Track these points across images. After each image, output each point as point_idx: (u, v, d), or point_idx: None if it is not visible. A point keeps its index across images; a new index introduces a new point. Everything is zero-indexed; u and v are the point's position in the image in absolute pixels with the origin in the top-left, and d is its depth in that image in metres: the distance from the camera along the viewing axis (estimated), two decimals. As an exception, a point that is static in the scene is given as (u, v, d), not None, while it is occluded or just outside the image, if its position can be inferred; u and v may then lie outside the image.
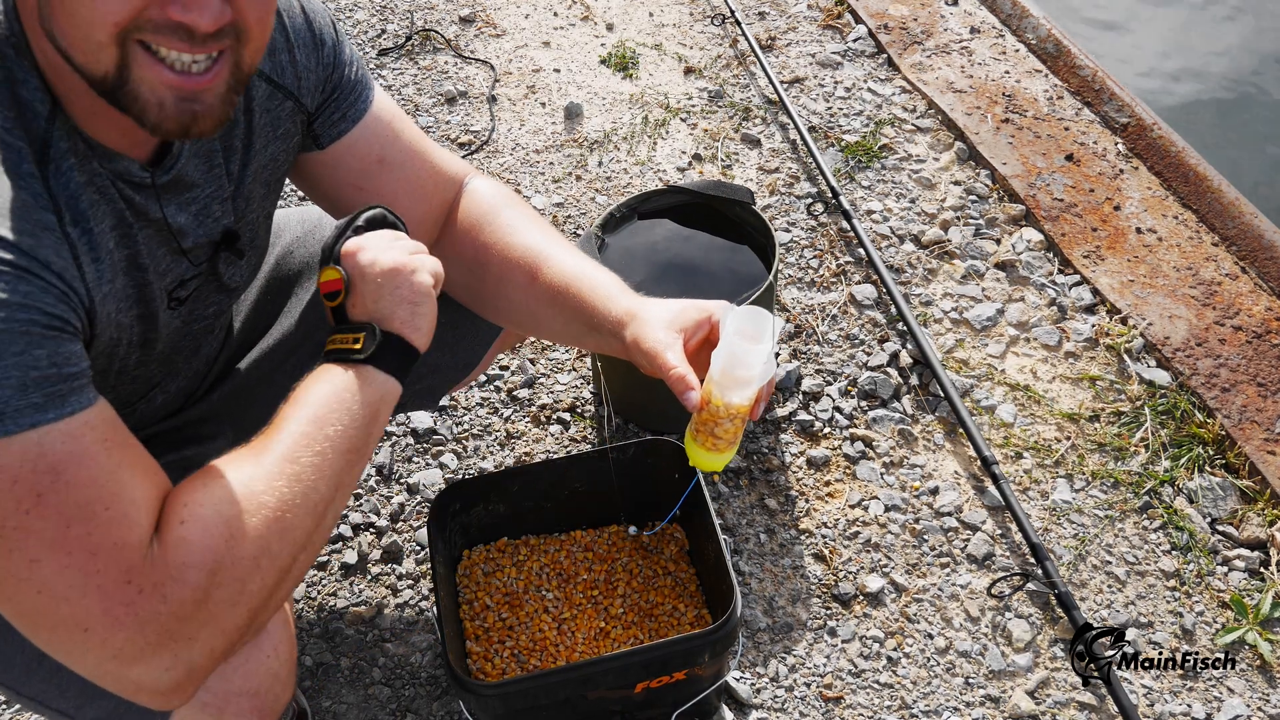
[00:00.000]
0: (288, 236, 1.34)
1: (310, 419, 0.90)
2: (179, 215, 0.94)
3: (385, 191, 1.12)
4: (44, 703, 0.99)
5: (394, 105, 1.14)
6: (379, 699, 1.51)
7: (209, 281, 1.03)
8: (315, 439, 0.89)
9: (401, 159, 1.12)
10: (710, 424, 1.00)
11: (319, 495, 0.88)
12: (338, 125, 1.08)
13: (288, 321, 1.29)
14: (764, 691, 1.51)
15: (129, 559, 0.78)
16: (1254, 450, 1.75)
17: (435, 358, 1.33)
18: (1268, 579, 1.62)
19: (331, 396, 0.91)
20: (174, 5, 0.75)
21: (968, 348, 1.99)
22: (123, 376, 0.97)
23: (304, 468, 0.87)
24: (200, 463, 1.17)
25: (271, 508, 0.84)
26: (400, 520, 1.73)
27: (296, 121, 1.05)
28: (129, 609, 0.77)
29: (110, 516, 0.77)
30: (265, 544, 0.84)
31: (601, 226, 1.77)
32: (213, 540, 0.81)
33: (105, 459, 0.78)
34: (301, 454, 0.88)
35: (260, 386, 1.28)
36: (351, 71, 1.08)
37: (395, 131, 1.12)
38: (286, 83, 1.02)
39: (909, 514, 1.73)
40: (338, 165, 1.10)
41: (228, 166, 0.99)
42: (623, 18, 2.95)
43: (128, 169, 0.86)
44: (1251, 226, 2.13)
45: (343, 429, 0.90)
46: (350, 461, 0.91)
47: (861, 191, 2.33)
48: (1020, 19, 2.80)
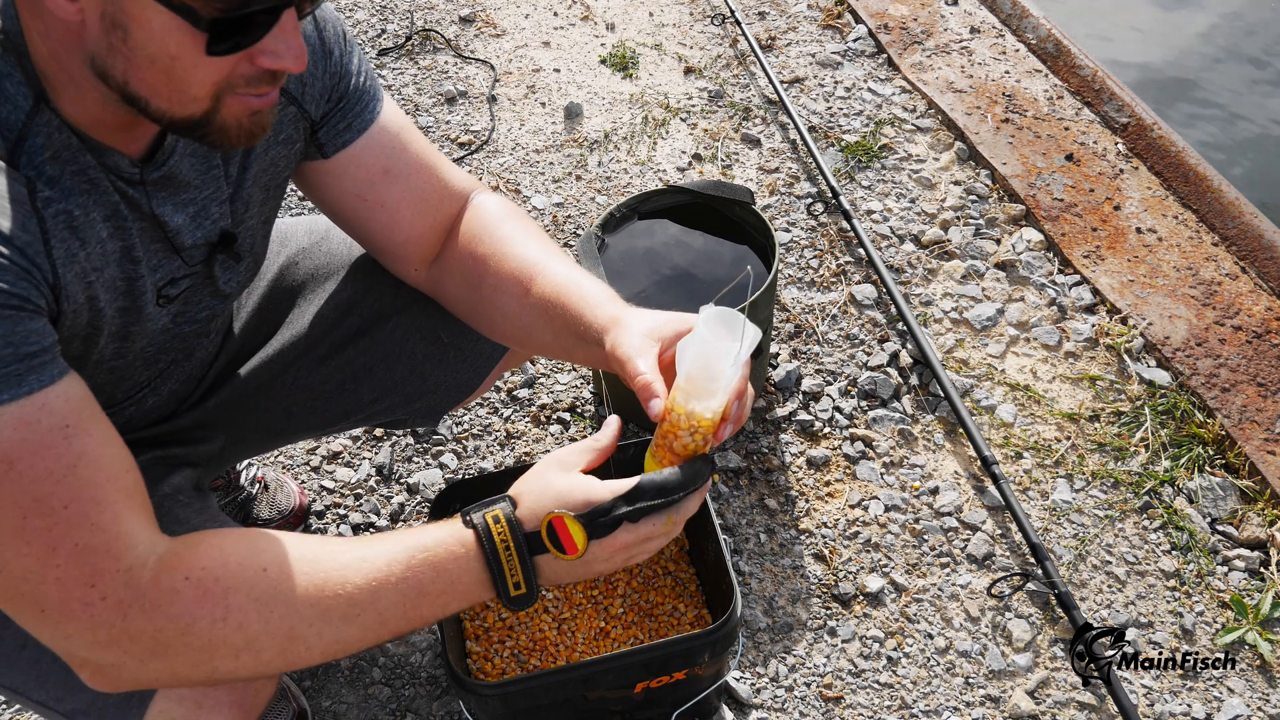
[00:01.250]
0: (294, 245, 1.34)
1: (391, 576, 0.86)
2: (176, 215, 0.94)
3: (389, 203, 1.11)
4: (24, 694, 0.99)
5: (403, 117, 1.13)
6: (379, 699, 1.51)
7: (203, 283, 1.03)
8: (377, 599, 0.86)
9: (407, 171, 1.11)
10: (669, 437, 0.90)
11: (338, 643, 0.86)
12: (343, 135, 1.07)
13: (290, 332, 1.28)
14: (764, 691, 1.51)
15: (94, 563, 0.77)
16: (1254, 450, 1.75)
17: (438, 377, 1.32)
18: (1268, 579, 1.62)
19: (430, 579, 0.88)
20: (264, 56, 0.78)
21: (968, 348, 1.99)
22: (100, 368, 0.96)
23: (344, 614, 0.85)
24: (187, 462, 1.18)
25: (282, 632, 0.84)
26: (400, 520, 1.73)
27: (299, 127, 1.05)
28: (87, 609, 0.78)
29: (70, 515, 0.77)
30: (256, 649, 0.83)
31: (601, 226, 1.77)
32: (204, 613, 0.81)
33: (64, 449, 0.77)
34: (354, 600, 0.85)
35: (258, 395, 1.27)
36: (359, 81, 1.07)
37: (403, 144, 1.11)
38: (290, 88, 1.02)
39: (909, 514, 1.73)
40: (342, 175, 1.10)
41: (226, 169, 0.99)
42: (623, 18, 2.95)
43: (117, 163, 0.86)
44: (1251, 226, 2.14)
45: (408, 610, 0.88)
46: (388, 633, 0.89)
47: (861, 191, 2.33)
48: (1020, 19, 2.80)
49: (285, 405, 1.29)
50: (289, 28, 0.77)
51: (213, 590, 0.81)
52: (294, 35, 0.78)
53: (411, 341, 1.28)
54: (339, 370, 1.29)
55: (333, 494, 1.76)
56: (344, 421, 1.35)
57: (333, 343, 1.28)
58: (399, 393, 1.32)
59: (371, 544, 0.89)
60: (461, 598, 0.89)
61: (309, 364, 1.28)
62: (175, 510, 1.07)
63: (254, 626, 0.82)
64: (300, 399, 1.29)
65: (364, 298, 1.28)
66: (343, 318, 1.27)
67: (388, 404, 1.33)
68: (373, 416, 1.35)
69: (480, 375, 1.35)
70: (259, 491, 1.66)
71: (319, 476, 1.79)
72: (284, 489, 1.69)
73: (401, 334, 1.28)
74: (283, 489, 1.69)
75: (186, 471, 1.16)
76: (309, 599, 0.84)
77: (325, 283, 1.30)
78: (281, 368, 1.28)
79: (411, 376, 1.31)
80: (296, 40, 0.78)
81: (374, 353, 1.28)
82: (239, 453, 1.33)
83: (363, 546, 0.89)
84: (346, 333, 1.28)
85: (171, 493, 1.10)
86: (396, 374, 1.30)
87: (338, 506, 1.75)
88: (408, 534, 0.90)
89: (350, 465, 1.81)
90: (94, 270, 0.86)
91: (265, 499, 1.66)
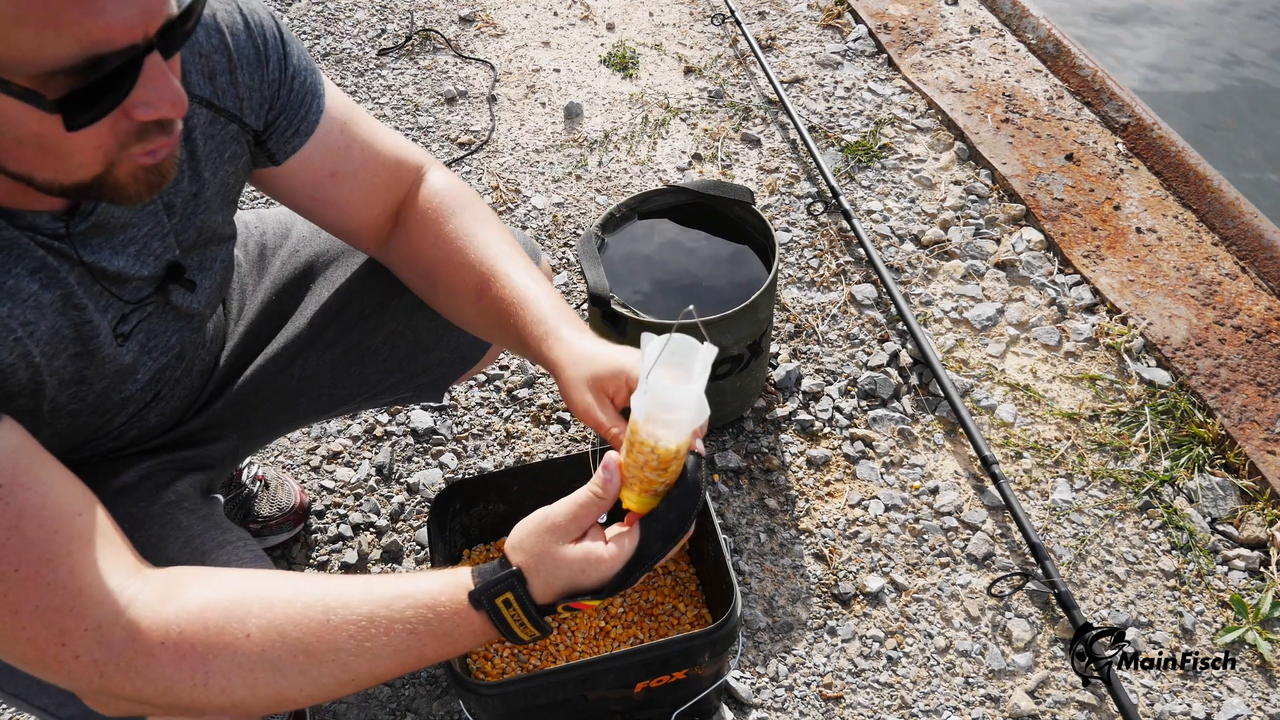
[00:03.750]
0: (294, 235, 1.34)
1: (390, 645, 0.82)
2: (115, 258, 0.90)
3: (339, 200, 1.11)
4: (27, 700, 0.99)
5: (345, 106, 1.10)
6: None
7: (162, 313, 1.00)
8: (374, 665, 0.82)
9: (353, 169, 1.10)
10: (640, 472, 0.86)
11: (330, 697, 0.84)
12: (290, 142, 1.05)
13: (296, 324, 1.28)
14: (764, 691, 1.51)
15: (59, 624, 0.76)
16: (1254, 450, 1.75)
17: (441, 350, 1.33)
18: (1268, 579, 1.62)
19: (433, 648, 0.84)
20: (137, 109, 0.72)
21: (968, 347, 1.99)
22: (58, 415, 0.93)
23: (336, 680, 0.82)
24: (197, 464, 1.18)
25: (269, 695, 0.81)
26: (400, 520, 1.73)
27: (243, 142, 1.02)
28: (63, 665, 0.77)
29: (22, 578, 0.74)
30: (244, 707, 0.81)
31: (601, 226, 1.77)
32: (183, 677, 0.79)
33: (1, 512, 0.74)
34: (347, 666, 0.82)
35: (265, 390, 1.27)
36: (299, 83, 1.03)
37: (347, 142, 1.09)
38: (228, 106, 0.98)
39: (909, 514, 1.73)
40: (293, 178, 1.08)
41: (164, 199, 0.95)
42: (623, 18, 2.95)
43: (33, 222, 0.82)
44: (1251, 226, 2.14)
45: (404, 668, 0.84)
46: (380, 682, 0.86)
47: (861, 191, 2.33)
48: (1020, 19, 2.80)
49: (293, 395, 1.30)
50: (155, 74, 0.71)
51: (190, 655, 0.78)
52: (164, 80, 0.71)
53: (414, 319, 1.29)
54: (344, 355, 1.29)
55: (333, 493, 1.76)
56: (349, 403, 1.35)
57: (338, 329, 1.28)
58: (403, 370, 1.33)
59: (371, 604, 0.83)
60: (464, 653, 0.88)
61: (315, 352, 1.28)
62: (179, 518, 1.07)
63: (238, 692, 0.81)
64: (308, 387, 1.30)
65: (365, 282, 1.28)
66: (346, 304, 1.28)
67: (392, 382, 1.34)
68: (377, 396, 1.36)
69: (482, 346, 1.35)
70: (259, 490, 1.66)
71: (319, 476, 1.79)
72: (284, 487, 1.69)
73: (404, 313, 1.28)
74: (283, 487, 1.69)
75: (195, 476, 1.15)
76: (297, 666, 0.81)
77: (328, 270, 1.31)
78: (289, 359, 1.28)
79: (415, 352, 1.32)
80: (169, 85, 0.72)
81: (378, 334, 1.29)
82: (249, 448, 1.33)
83: (361, 605, 0.83)
84: (351, 318, 1.28)
85: (176, 500, 1.09)
86: (400, 352, 1.31)
87: (338, 506, 1.75)
88: (412, 599, 0.84)
89: (350, 465, 1.81)
90: (23, 325, 0.82)
91: (266, 497, 1.66)
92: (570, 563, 0.83)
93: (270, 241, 1.33)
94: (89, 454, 1.08)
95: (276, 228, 1.35)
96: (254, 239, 1.33)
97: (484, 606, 0.83)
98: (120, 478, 1.08)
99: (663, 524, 0.85)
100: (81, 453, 1.07)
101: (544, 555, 0.84)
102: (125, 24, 0.66)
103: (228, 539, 1.06)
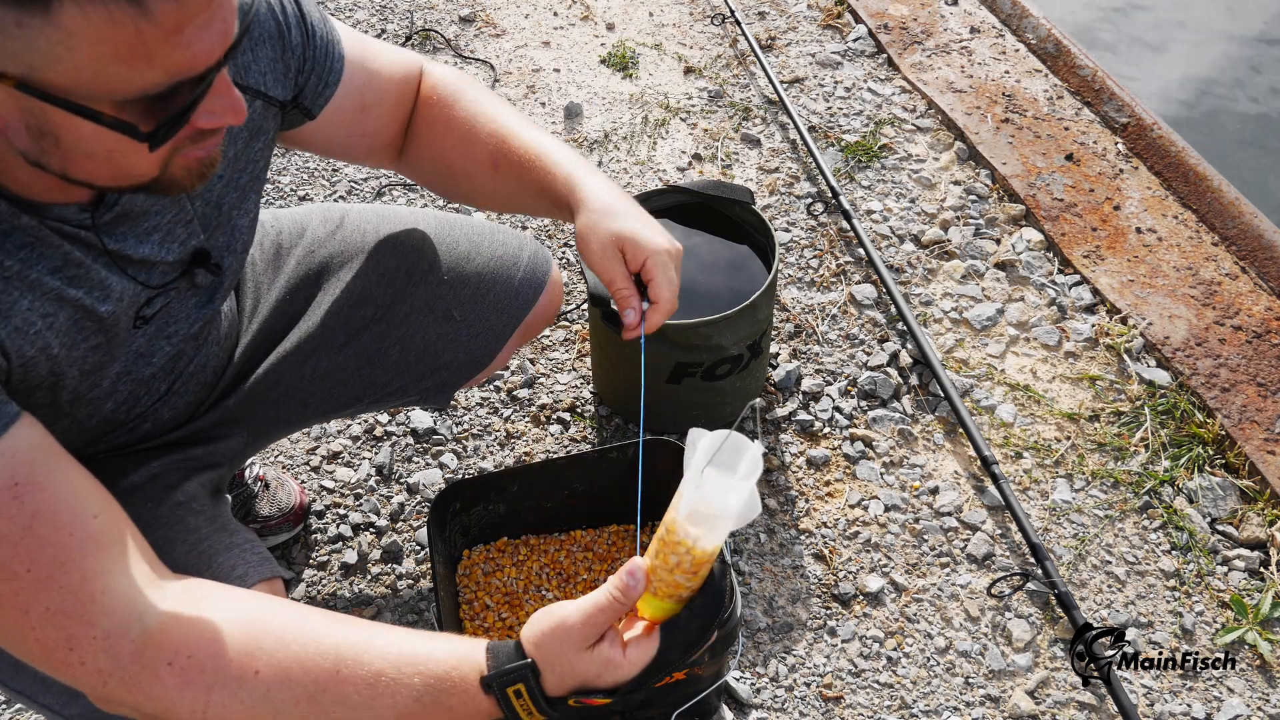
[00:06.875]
0: (310, 235, 1.34)
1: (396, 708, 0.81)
2: (140, 245, 0.91)
3: (370, 130, 1.16)
4: (31, 697, 0.99)
5: (354, 40, 1.13)
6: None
7: (184, 297, 1.01)
8: (372, 706, 0.81)
9: (379, 98, 1.15)
10: (671, 574, 0.81)
11: None
12: (323, 94, 1.09)
13: (308, 324, 1.29)
14: (764, 691, 1.51)
15: (68, 628, 0.76)
16: (1254, 450, 1.75)
17: (450, 355, 1.33)
18: (1268, 579, 1.62)
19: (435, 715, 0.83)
20: (203, 118, 0.75)
21: (968, 347, 1.99)
22: (78, 404, 0.94)
23: (330, 718, 0.81)
24: (208, 462, 1.18)
25: None
26: (400, 520, 1.73)
27: (268, 115, 1.04)
28: (68, 668, 0.77)
29: (34, 578, 0.75)
30: None
31: (601, 226, 1.77)
32: (185, 701, 0.79)
33: (16, 511, 0.74)
34: (343, 705, 0.81)
35: (277, 388, 1.28)
36: (319, 39, 1.06)
37: (367, 75, 1.13)
38: (251, 82, 1.00)
39: (909, 514, 1.73)
40: (329, 125, 1.12)
41: None
42: (623, 18, 2.95)
43: (61, 215, 0.83)
44: (1251, 226, 2.14)
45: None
46: None
47: (861, 191, 2.33)
48: (1020, 19, 2.80)
49: (303, 395, 1.30)
50: (222, 88, 0.75)
51: (195, 682, 0.78)
52: (229, 92, 0.75)
53: (425, 323, 1.30)
54: (354, 357, 1.30)
55: (333, 494, 1.76)
56: (357, 405, 1.36)
57: (349, 331, 1.29)
58: (411, 372, 1.33)
59: (383, 662, 0.83)
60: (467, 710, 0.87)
61: (327, 354, 1.29)
62: (187, 519, 1.07)
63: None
64: (318, 387, 1.30)
65: (378, 284, 1.29)
66: (358, 306, 1.29)
67: (400, 385, 1.34)
68: (384, 399, 1.36)
69: (491, 352, 1.36)
70: (260, 490, 1.66)
71: (319, 476, 1.79)
72: (285, 487, 1.69)
73: (416, 317, 1.29)
74: (284, 487, 1.69)
75: (205, 475, 1.15)
76: (299, 712, 0.80)
77: (340, 271, 1.31)
78: (300, 360, 1.28)
79: (425, 356, 1.32)
80: (232, 95, 0.76)
81: (389, 337, 1.30)
82: (256, 446, 1.33)
83: (373, 662, 0.83)
84: (362, 320, 1.29)
85: (185, 500, 1.09)
86: (410, 355, 1.32)
87: (338, 506, 1.75)
88: (424, 667, 0.83)
89: (350, 465, 1.81)
90: (43, 318, 0.83)
91: (266, 497, 1.66)
92: (585, 667, 0.82)
93: (286, 241, 1.34)
94: (103, 448, 1.08)
95: (292, 227, 1.35)
96: (270, 238, 1.33)
97: (494, 692, 0.82)
98: (130, 477, 1.08)
99: (684, 635, 0.83)
100: (96, 447, 1.07)
101: (559, 656, 0.82)
102: (207, 52, 0.70)
103: (235, 541, 1.06)
